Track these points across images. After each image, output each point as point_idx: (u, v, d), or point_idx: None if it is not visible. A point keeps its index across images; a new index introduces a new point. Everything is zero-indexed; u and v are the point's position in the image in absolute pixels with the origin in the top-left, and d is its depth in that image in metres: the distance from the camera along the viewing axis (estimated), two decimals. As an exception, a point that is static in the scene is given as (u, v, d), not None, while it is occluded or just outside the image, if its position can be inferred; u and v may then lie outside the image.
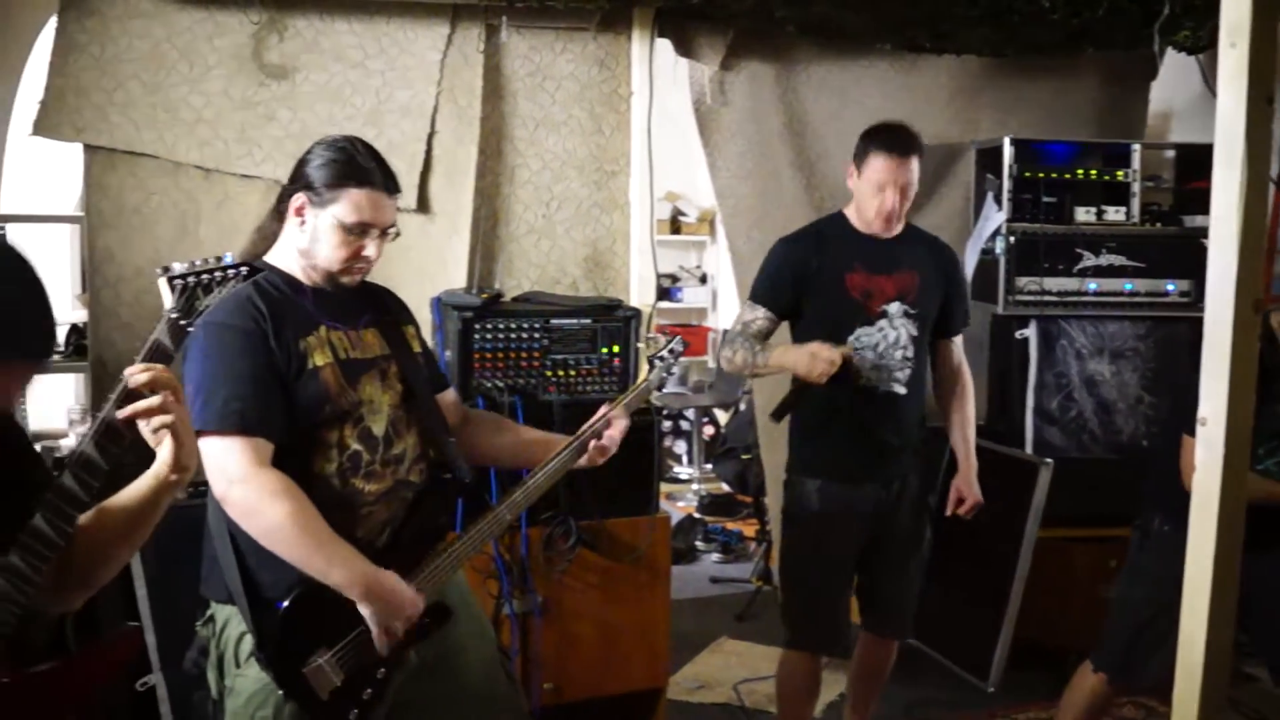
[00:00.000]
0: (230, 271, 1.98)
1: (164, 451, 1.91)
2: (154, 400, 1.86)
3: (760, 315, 3.90)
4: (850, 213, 3.91)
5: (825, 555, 3.91)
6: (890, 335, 3.82)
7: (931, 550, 4.20)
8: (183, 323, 1.93)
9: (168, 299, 1.94)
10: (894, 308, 3.82)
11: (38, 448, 2.12)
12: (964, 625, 4.91)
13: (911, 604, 4.09)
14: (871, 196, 3.79)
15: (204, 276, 1.95)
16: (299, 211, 2.68)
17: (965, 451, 4.09)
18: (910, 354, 3.86)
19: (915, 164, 3.77)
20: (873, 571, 4.01)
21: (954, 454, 4.11)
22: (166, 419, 1.87)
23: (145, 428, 1.88)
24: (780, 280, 3.90)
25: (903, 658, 4.27)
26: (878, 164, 3.75)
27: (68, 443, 4.35)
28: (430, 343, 3.74)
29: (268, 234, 2.80)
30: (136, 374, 1.86)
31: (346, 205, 2.65)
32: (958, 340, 4.11)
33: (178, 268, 1.95)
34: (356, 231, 2.67)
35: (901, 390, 3.85)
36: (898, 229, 3.88)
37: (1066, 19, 4.73)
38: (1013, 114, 5.50)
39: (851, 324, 3.80)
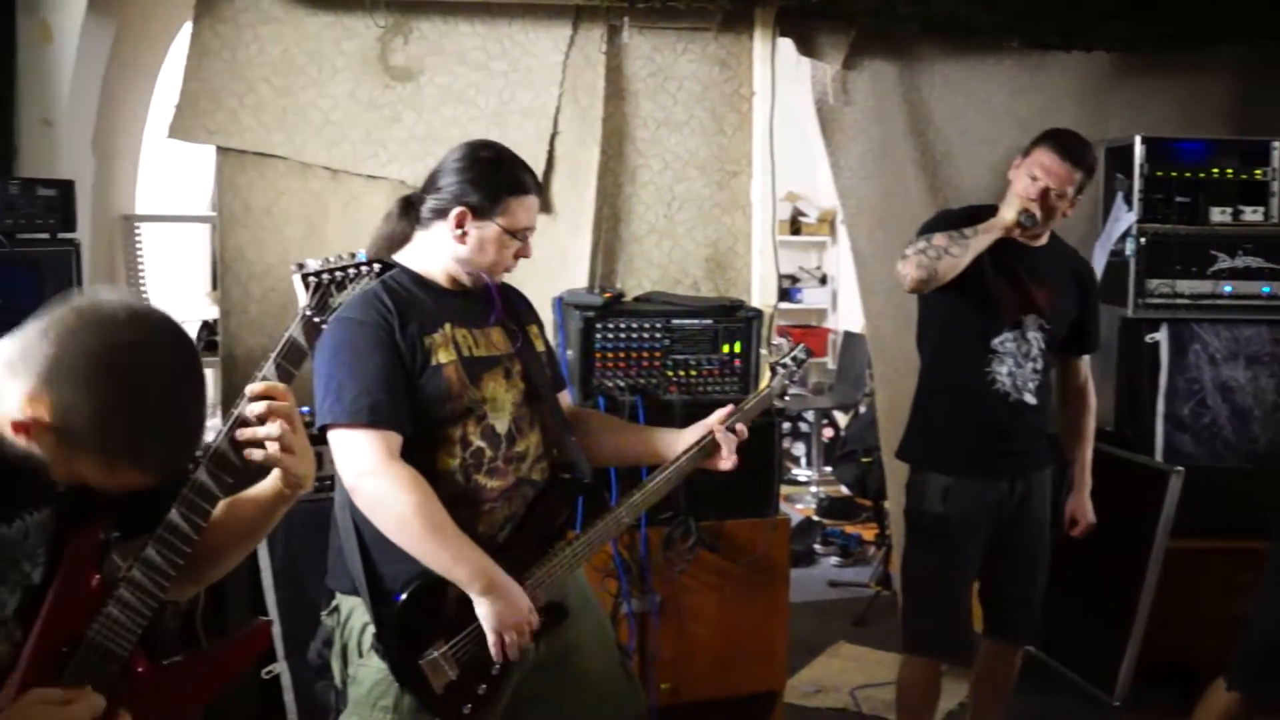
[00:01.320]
0: (363, 269, 2.00)
1: (276, 470, 1.96)
2: (266, 430, 1.89)
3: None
4: (1003, 208, 3.82)
5: (947, 554, 3.86)
6: (1023, 346, 3.78)
7: (1054, 557, 4.12)
8: (317, 320, 1.96)
9: (302, 296, 1.95)
10: (1029, 319, 3.78)
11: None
12: (1089, 636, 4.82)
13: (1037, 609, 4.01)
14: (1022, 186, 3.72)
15: (337, 274, 1.97)
16: (459, 223, 2.72)
17: (1081, 472, 4.06)
18: (1040, 367, 3.83)
19: (1077, 177, 3.70)
20: (996, 575, 3.95)
21: (1069, 471, 4.07)
22: (275, 446, 1.90)
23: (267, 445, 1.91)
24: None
25: (1025, 667, 4.19)
26: (1041, 156, 3.71)
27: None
28: (552, 342, 3.75)
29: (396, 235, 2.84)
30: (255, 394, 1.89)
31: (511, 215, 2.74)
32: (1085, 358, 4.06)
33: (312, 265, 1.97)
34: (521, 237, 2.77)
35: (1032, 400, 3.81)
36: (1042, 239, 3.83)
37: (1205, 10, 4.61)
38: (1144, 111, 5.37)
39: (994, 327, 3.76)
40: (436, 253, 2.78)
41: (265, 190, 4.44)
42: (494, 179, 2.74)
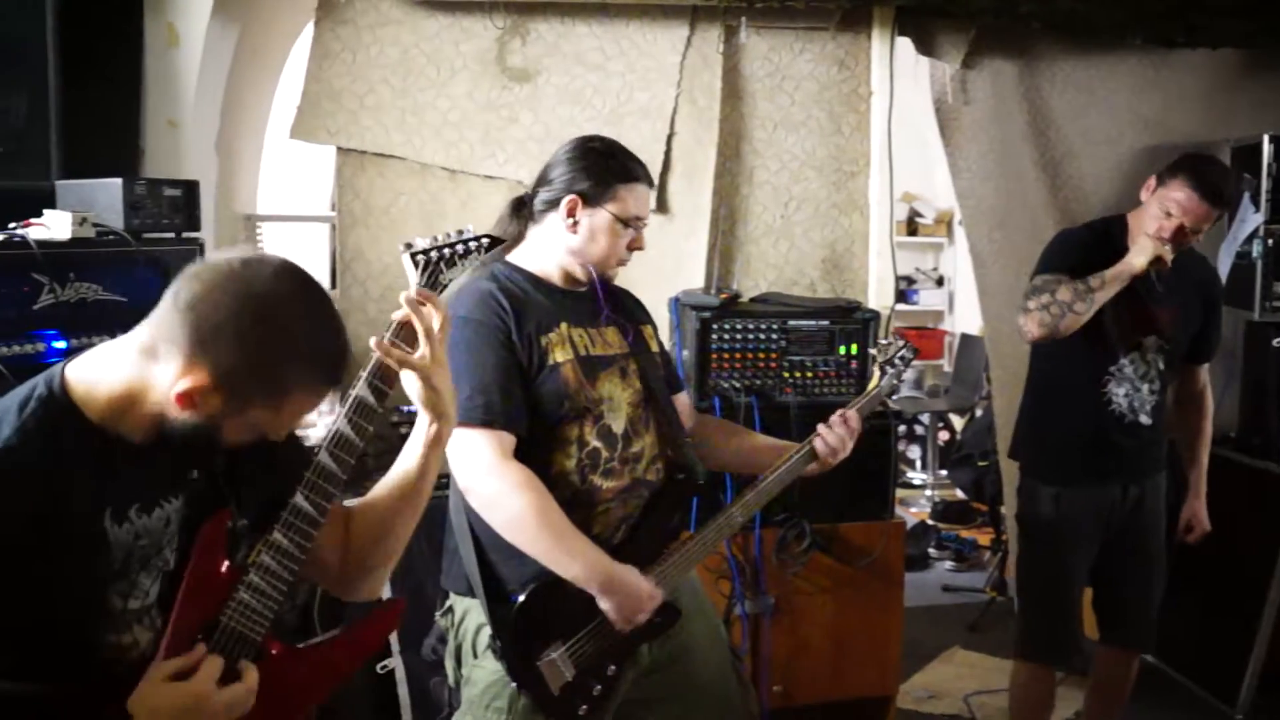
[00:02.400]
0: (471, 244, 2.00)
1: (416, 396, 1.99)
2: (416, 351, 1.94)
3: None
4: (1132, 223, 3.72)
5: (1057, 562, 3.82)
6: (1140, 368, 3.71)
7: (1173, 565, 4.04)
8: None
9: (412, 275, 1.97)
10: (1150, 341, 3.70)
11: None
12: (1211, 645, 4.72)
13: (1152, 613, 3.94)
14: (1155, 218, 3.58)
15: (446, 250, 1.98)
16: (571, 213, 2.73)
17: (1198, 479, 3.99)
18: (1158, 387, 3.76)
19: (1213, 216, 3.58)
20: (1111, 579, 3.89)
21: (1184, 476, 4.00)
22: (429, 333, 1.95)
23: (405, 374, 1.94)
24: (1080, 258, 3.64)
25: (1143, 677, 4.11)
26: (1179, 195, 3.53)
27: (316, 433, 4.50)
28: (668, 343, 3.75)
29: (509, 236, 2.85)
30: (412, 300, 1.94)
31: (622, 202, 2.73)
32: (1204, 365, 3.98)
33: (420, 243, 1.99)
34: (632, 225, 2.75)
35: (1147, 420, 3.74)
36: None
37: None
38: (1271, 109, 5.23)
39: (1112, 353, 3.69)
40: (550, 247, 2.78)
41: (384, 190, 4.50)
42: (604, 167, 2.75)
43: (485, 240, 2.03)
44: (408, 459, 2.05)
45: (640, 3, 4.57)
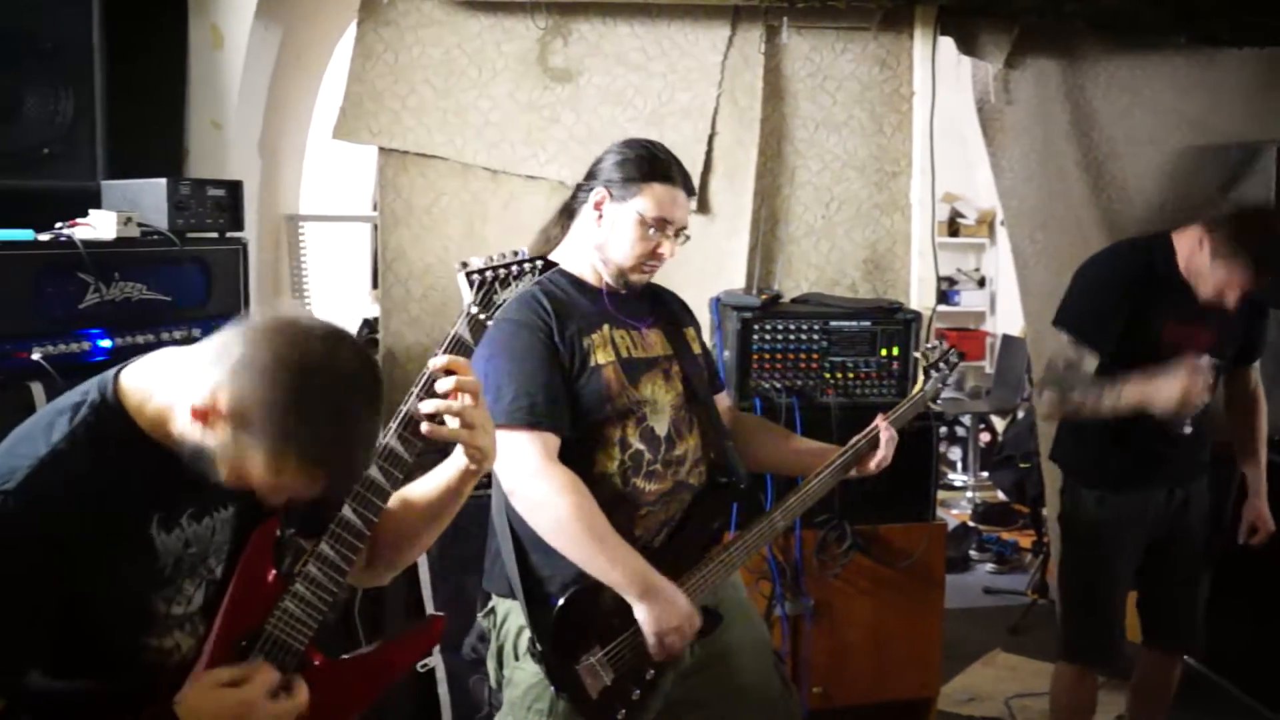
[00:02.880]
0: (526, 265, 2.00)
1: (459, 448, 1.97)
2: (449, 404, 1.90)
3: (1088, 357, 3.59)
4: (1178, 245, 3.62)
5: (1101, 565, 3.79)
6: None
7: (1220, 569, 3.99)
8: (482, 317, 1.96)
9: (466, 294, 1.96)
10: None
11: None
12: (1258, 651, 4.67)
13: (1196, 615, 3.91)
14: (1216, 286, 3.50)
15: (501, 271, 1.98)
16: (598, 206, 2.73)
17: (1256, 478, 3.93)
18: (1203, 399, 3.69)
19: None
20: (1154, 580, 3.87)
21: (1242, 478, 3.95)
22: (461, 417, 1.92)
23: (447, 420, 1.92)
24: (1114, 320, 3.60)
25: (1190, 684, 4.07)
26: (1236, 270, 3.45)
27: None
28: (709, 343, 3.74)
29: (550, 236, 2.86)
30: (440, 368, 1.91)
31: (647, 199, 2.70)
32: (1255, 364, 3.93)
33: (476, 263, 1.98)
34: (655, 226, 2.71)
35: (1188, 430, 3.68)
36: None
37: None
38: (1321, 109, 5.18)
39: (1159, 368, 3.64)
40: (583, 246, 2.78)
41: (426, 190, 4.52)
42: (637, 163, 2.73)
43: (540, 262, 2.02)
44: (443, 481, 2.05)
45: (682, 3, 4.56)
